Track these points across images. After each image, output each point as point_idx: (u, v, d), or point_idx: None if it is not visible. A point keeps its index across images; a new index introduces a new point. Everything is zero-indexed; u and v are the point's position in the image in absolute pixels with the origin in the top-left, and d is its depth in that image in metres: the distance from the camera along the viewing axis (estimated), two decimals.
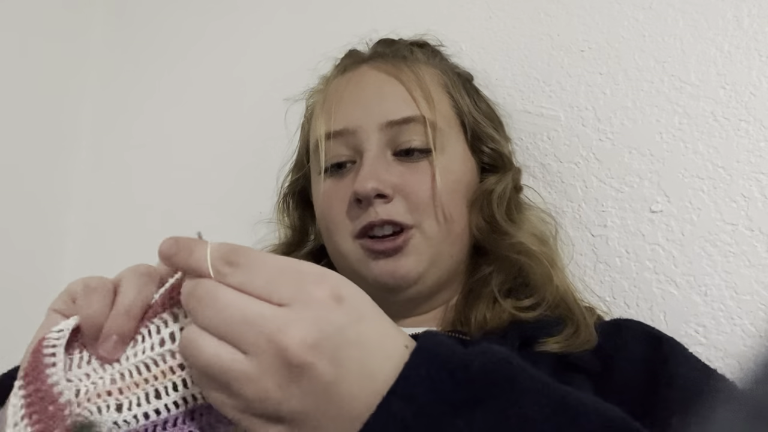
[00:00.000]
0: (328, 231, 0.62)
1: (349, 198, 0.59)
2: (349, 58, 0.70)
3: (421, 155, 0.59)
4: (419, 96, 0.60)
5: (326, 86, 0.67)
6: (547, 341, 0.53)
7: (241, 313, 0.30)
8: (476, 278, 0.61)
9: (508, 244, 0.59)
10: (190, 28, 1.16)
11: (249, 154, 1.02)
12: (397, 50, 0.66)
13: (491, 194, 0.62)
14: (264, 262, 0.32)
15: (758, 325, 0.60)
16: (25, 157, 1.11)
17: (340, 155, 0.61)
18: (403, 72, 0.61)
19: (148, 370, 0.34)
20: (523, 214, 0.66)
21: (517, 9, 0.82)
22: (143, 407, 0.33)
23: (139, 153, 1.16)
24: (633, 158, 0.70)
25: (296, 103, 0.77)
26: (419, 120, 0.59)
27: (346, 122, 0.60)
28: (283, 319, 0.30)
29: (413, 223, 0.57)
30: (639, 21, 0.73)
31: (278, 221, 0.75)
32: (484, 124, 0.65)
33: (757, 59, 0.65)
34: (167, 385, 0.34)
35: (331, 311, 0.30)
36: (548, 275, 0.58)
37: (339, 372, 0.30)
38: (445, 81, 0.65)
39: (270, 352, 0.29)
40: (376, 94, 0.61)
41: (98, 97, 1.23)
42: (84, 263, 1.15)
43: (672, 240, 0.66)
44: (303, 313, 0.30)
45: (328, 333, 0.30)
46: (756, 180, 0.63)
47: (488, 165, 0.65)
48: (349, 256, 0.59)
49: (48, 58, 1.16)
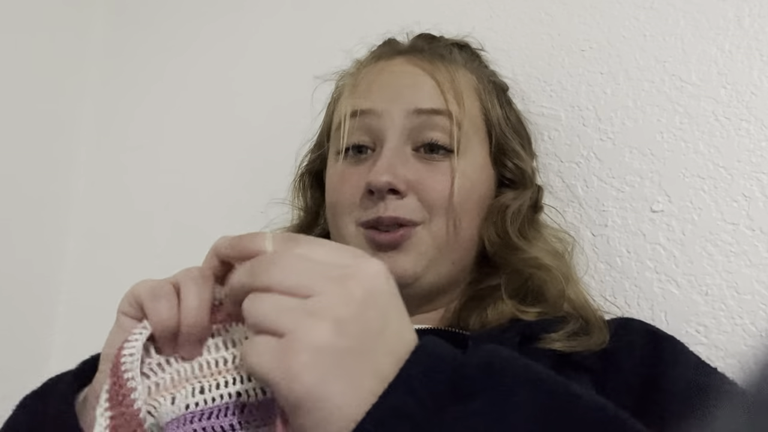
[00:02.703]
0: (335, 214, 0.61)
1: (362, 186, 0.58)
2: (386, 46, 0.69)
3: (441, 154, 0.58)
4: (450, 94, 0.59)
5: (358, 71, 0.66)
6: (547, 338, 0.53)
7: (306, 266, 0.33)
8: (481, 288, 0.60)
9: (521, 259, 0.59)
10: (191, 27, 1.16)
11: (250, 153, 1.02)
12: (436, 48, 0.65)
13: (506, 210, 0.61)
14: (320, 241, 0.35)
15: (759, 324, 0.60)
16: (25, 157, 1.11)
17: (361, 138, 0.60)
18: (438, 70, 0.61)
19: (201, 371, 0.37)
20: (539, 231, 0.65)
21: (518, 8, 0.82)
22: (188, 399, 0.36)
23: (140, 153, 1.16)
24: (634, 158, 0.70)
25: (323, 83, 0.75)
26: (446, 114, 0.58)
27: (373, 104, 0.60)
28: (347, 270, 0.33)
29: (421, 220, 0.57)
30: (640, 20, 0.73)
31: (291, 202, 0.74)
32: (510, 138, 0.64)
33: (758, 59, 0.65)
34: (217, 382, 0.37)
35: (383, 277, 0.34)
36: (561, 290, 0.58)
37: (385, 326, 0.33)
38: (478, 86, 0.64)
39: (334, 289, 0.32)
40: (408, 84, 0.60)
41: (98, 96, 1.23)
42: (84, 263, 1.15)
43: (673, 239, 0.66)
44: (362, 269, 0.33)
45: (382, 290, 0.33)
46: (757, 179, 0.63)
47: (508, 180, 0.64)
48: (349, 242, 0.59)
49: (48, 57, 1.16)
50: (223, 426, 0.36)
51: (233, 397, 0.36)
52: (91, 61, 1.24)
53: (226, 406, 0.36)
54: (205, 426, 0.35)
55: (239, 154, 1.03)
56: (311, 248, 0.34)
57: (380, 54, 0.66)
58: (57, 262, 1.15)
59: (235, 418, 0.36)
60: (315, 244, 0.35)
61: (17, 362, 1.03)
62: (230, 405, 0.36)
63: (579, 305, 0.58)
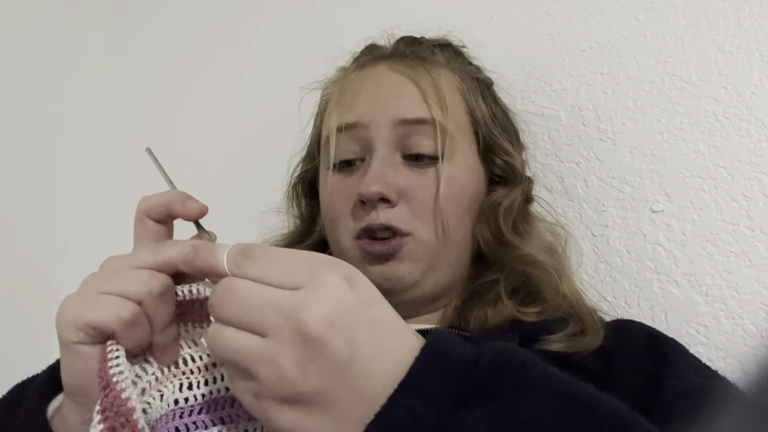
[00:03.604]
0: (332, 227, 0.62)
1: (354, 197, 0.58)
2: (368, 54, 0.69)
3: (429, 161, 0.59)
4: (433, 100, 0.59)
5: (343, 79, 0.66)
6: (547, 340, 0.53)
7: (259, 299, 0.32)
8: (479, 283, 0.60)
9: (515, 256, 0.59)
10: (191, 28, 1.16)
11: (251, 152, 1.02)
12: (418, 51, 0.65)
13: (498, 207, 0.61)
14: (278, 252, 0.34)
15: (759, 324, 0.60)
16: (26, 157, 1.11)
17: (349, 151, 0.61)
18: (420, 75, 0.61)
19: (185, 365, 0.38)
20: (532, 226, 0.65)
21: (518, 8, 0.82)
22: (177, 394, 0.37)
23: (140, 152, 1.16)
24: (634, 158, 0.70)
25: (310, 92, 0.75)
26: (431, 123, 0.58)
27: (359, 116, 0.60)
28: (299, 299, 0.31)
29: (411, 230, 0.57)
30: (640, 21, 0.73)
31: (286, 211, 0.75)
32: (497, 135, 0.64)
33: (758, 59, 0.65)
34: (206, 378, 0.38)
35: (345, 293, 0.32)
36: (555, 285, 0.58)
37: (355, 350, 0.31)
38: (462, 86, 0.64)
39: (287, 329, 0.30)
40: (391, 93, 0.60)
41: (99, 96, 1.23)
42: (84, 264, 1.15)
43: (673, 240, 0.66)
44: (318, 294, 0.31)
45: (343, 312, 0.31)
46: (757, 180, 0.63)
47: (498, 177, 0.64)
48: (347, 255, 0.60)
49: (49, 57, 1.16)
50: (213, 420, 0.36)
51: (222, 392, 0.37)
52: (91, 61, 1.24)
53: (216, 401, 0.37)
54: (196, 420, 0.36)
55: (239, 155, 1.03)
56: (267, 266, 0.33)
57: (363, 62, 0.67)
58: (57, 262, 1.15)
59: (225, 411, 0.37)
60: (271, 259, 0.34)
61: (17, 362, 1.03)
62: (219, 400, 0.37)
63: (573, 301, 0.58)
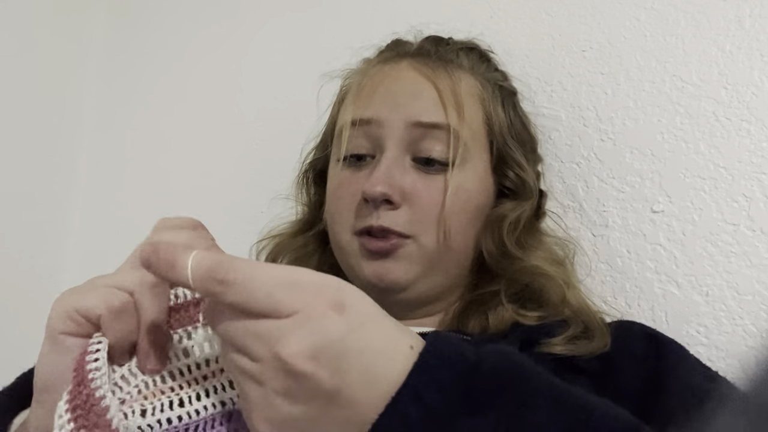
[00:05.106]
0: (333, 221, 0.62)
1: (359, 194, 0.58)
2: (393, 49, 0.68)
3: (439, 167, 0.58)
4: (451, 105, 0.58)
5: (364, 72, 0.66)
6: (548, 342, 0.53)
7: (242, 330, 0.31)
8: (482, 291, 0.60)
9: (519, 268, 0.58)
10: (192, 28, 1.16)
11: (251, 153, 1.02)
12: (443, 52, 0.64)
13: (503, 220, 0.60)
14: (259, 276, 0.31)
15: (760, 325, 0.60)
16: (26, 157, 1.11)
17: (361, 147, 0.60)
18: (441, 78, 0.60)
19: (173, 379, 0.36)
20: (538, 240, 0.64)
21: (519, 9, 0.82)
22: (167, 413, 0.35)
23: (141, 152, 1.16)
24: (634, 158, 0.70)
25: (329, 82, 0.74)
26: (445, 128, 0.58)
27: (374, 112, 0.59)
28: (282, 331, 0.30)
29: (411, 234, 0.57)
30: (640, 21, 0.73)
31: (295, 197, 0.74)
32: (512, 148, 0.63)
33: (758, 59, 0.65)
34: (197, 392, 0.36)
35: (332, 322, 0.31)
36: (562, 295, 0.57)
37: (341, 380, 0.30)
38: (482, 93, 0.63)
39: (272, 362, 0.30)
40: (409, 93, 0.60)
41: (99, 96, 1.23)
42: (84, 264, 1.15)
43: (673, 240, 0.66)
44: (303, 326, 0.30)
45: (328, 343, 0.30)
46: (757, 180, 0.63)
47: (508, 189, 0.63)
48: (346, 250, 0.60)
49: (48, 58, 1.16)
50: None
51: (218, 407, 0.36)
52: (91, 61, 1.24)
53: (212, 417, 0.35)
54: None
55: (240, 154, 1.03)
56: (249, 294, 0.31)
57: (386, 57, 0.66)
58: (57, 263, 1.15)
59: (224, 428, 0.36)
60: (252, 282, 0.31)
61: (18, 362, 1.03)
62: (216, 416, 0.36)
63: (579, 309, 0.57)
